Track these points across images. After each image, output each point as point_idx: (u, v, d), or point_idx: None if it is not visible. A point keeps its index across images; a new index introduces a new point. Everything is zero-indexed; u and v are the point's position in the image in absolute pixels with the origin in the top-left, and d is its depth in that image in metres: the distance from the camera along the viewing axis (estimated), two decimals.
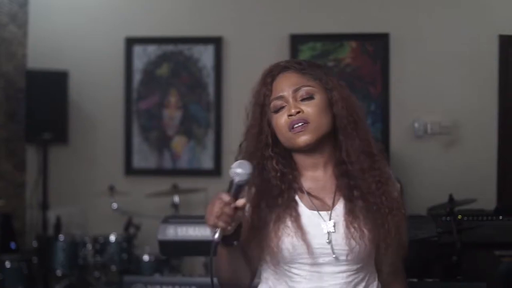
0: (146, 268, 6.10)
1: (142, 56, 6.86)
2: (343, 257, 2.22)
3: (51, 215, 6.46)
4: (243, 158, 2.26)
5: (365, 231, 2.21)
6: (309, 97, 2.27)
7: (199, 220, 4.33)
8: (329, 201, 2.28)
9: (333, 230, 2.22)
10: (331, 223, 2.23)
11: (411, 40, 6.60)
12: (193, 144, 6.84)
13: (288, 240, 2.20)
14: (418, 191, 6.26)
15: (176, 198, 6.37)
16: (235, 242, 2.14)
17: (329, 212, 2.26)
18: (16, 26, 6.89)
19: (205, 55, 6.81)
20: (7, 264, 5.87)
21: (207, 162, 6.80)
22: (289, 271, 2.26)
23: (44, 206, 6.53)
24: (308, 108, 2.25)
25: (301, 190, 2.30)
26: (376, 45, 6.65)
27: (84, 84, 6.82)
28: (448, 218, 5.00)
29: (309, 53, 6.63)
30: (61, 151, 6.85)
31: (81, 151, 6.93)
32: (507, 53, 6.51)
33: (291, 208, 2.25)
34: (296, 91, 2.28)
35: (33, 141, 6.72)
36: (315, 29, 6.66)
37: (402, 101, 6.54)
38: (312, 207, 2.26)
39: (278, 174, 2.30)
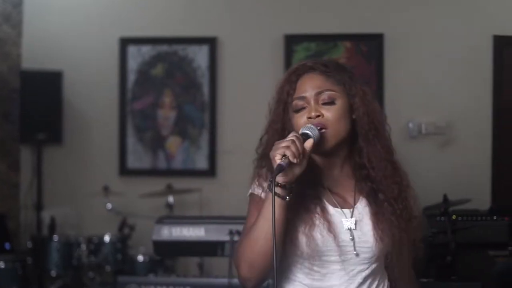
0: (141, 268, 6.09)
1: (136, 56, 6.86)
2: (365, 255, 2.28)
3: (46, 216, 6.46)
4: (263, 151, 2.34)
5: (390, 232, 2.29)
6: (331, 102, 2.29)
7: (193, 220, 4.34)
8: (350, 199, 2.35)
9: (354, 228, 2.29)
10: (353, 220, 2.30)
11: (405, 41, 6.61)
12: (188, 144, 6.83)
13: (317, 232, 2.26)
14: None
15: (171, 199, 6.37)
16: (288, 197, 2.16)
17: (351, 210, 2.33)
18: (10, 26, 6.88)
19: (200, 55, 6.80)
20: (2, 265, 5.85)
21: (202, 163, 6.80)
22: (316, 266, 2.29)
23: (39, 206, 6.52)
24: (329, 113, 2.27)
25: (322, 186, 2.35)
26: (370, 45, 6.66)
27: (79, 85, 6.82)
28: (442, 218, 5.01)
29: (304, 54, 6.63)
30: (56, 152, 6.84)
31: (76, 151, 6.92)
32: (501, 54, 6.52)
33: (317, 203, 2.31)
34: (318, 94, 2.29)
35: (27, 142, 6.72)
36: (310, 29, 6.66)
37: (397, 102, 6.54)
38: (335, 204, 2.32)
39: (305, 169, 2.29)
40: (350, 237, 2.28)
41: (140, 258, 6.12)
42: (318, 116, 2.26)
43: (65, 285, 6.23)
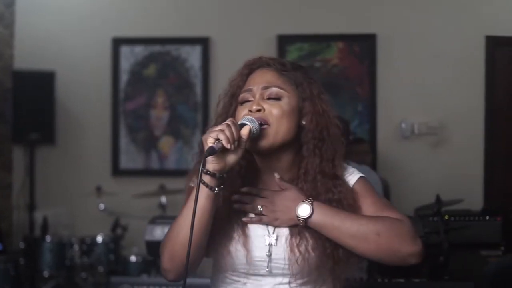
0: (133, 268, 6.08)
1: (129, 56, 6.85)
2: (281, 271, 2.14)
3: (38, 216, 6.44)
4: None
5: (312, 255, 2.12)
6: (276, 98, 2.16)
7: None
8: None
9: (275, 244, 2.15)
10: (274, 236, 2.16)
11: (398, 41, 6.62)
12: (181, 144, 6.83)
13: (232, 245, 2.16)
14: (405, 192, 6.28)
15: (164, 199, 6.36)
16: (217, 189, 2.03)
17: None
18: (2, 27, 6.86)
19: (193, 56, 6.80)
20: None
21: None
22: (229, 278, 2.21)
23: (31, 206, 6.52)
24: (272, 109, 2.14)
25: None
26: (363, 46, 6.66)
27: (71, 85, 6.81)
28: (435, 218, 5.02)
29: (297, 54, 6.64)
30: (48, 152, 6.83)
31: (68, 151, 6.92)
32: (494, 54, 6.53)
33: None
34: (265, 88, 2.18)
35: (20, 142, 6.71)
36: (302, 29, 6.67)
37: (389, 102, 6.56)
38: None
39: (242, 170, 2.22)
40: (267, 253, 2.14)
41: (133, 258, 6.11)
42: (259, 110, 2.13)
43: (58, 285, 6.21)
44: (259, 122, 2.10)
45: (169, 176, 6.68)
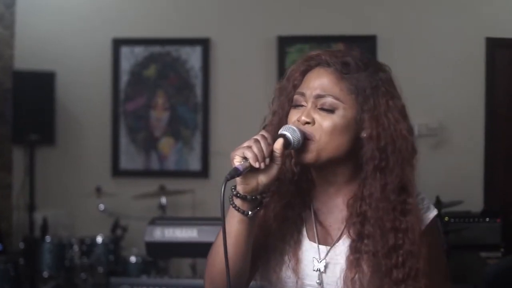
0: (133, 269, 6.08)
1: (129, 57, 6.85)
2: None
3: (38, 217, 6.44)
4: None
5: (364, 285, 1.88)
6: (330, 110, 1.88)
7: (186, 221, 4.33)
8: (334, 234, 1.96)
9: (324, 271, 1.92)
10: (324, 262, 1.92)
11: (398, 42, 6.62)
12: (181, 145, 6.83)
13: (282, 270, 1.95)
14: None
15: (163, 200, 6.36)
16: (250, 213, 1.82)
17: (328, 248, 1.95)
18: (3, 27, 6.86)
19: (193, 57, 6.80)
20: None
21: (195, 164, 6.79)
22: None
23: (31, 207, 6.51)
24: (323, 121, 1.87)
25: (309, 207, 1.99)
26: (363, 47, 6.58)
27: (71, 85, 6.81)
28: None
29: (296, 55, 6.63)
30: (48, 152, 6.83)
31: (68, 152, 6.92)
32: (494, 56, 6.53)
33: (296, 229, 1.97)
34: (319, 97, 1.89)
35: (20, 142, 6.70)
36: (303, 31, 6.66)
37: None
38: (313, 237, 1.96)
39: (295, 178, 1.98)
40: (318, 281, 1.92)
41: (133, 259, 6.11)
42: (308, 123, 1.88)
43: (58, 286, 6.21)
44: (304, 133, 1.86)
45: (169, 177, 6.69)
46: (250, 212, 1.81)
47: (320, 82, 1.90)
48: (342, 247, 1.92)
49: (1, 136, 6.78)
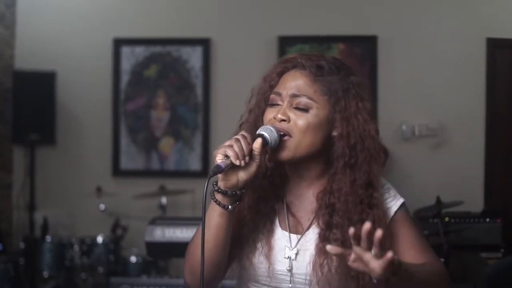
0: (133, 269, 6.08)
1: (130, 57, 6.85)
2: (305, 287, 2.04)
3: (38, 216, 6.44)
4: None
5: (335, 277, 2.00)
6: (304, 109, 2.02)
7: (186, 221, 4.33)
8: (304, 223, 2.09)
9: (294, 258, 2.05)
10: (295, 250, 2.05)
11: (399, 43, 6.62)
12: (181, 145, 6.83)
13: (255, 256, 2.08)
14: (406, 193, 6.25)
15: (164, 200, 6.36)
16: (230, 207, 1.96)
17: (299, 236, 2.08)
18: (3, 27, 6.87)
19: (193, 57, 6.80)
20: None
21: (195, 164, 6.79)
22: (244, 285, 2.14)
23: (31, 207, 6.51)
24: (298, 120, 2.01)
25: (282, 200, 2.13)
26: (364, 48, 6.66)
27: (72, 85, 6.81)
28: (435, 220, 5.02)
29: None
30: (48, 152, 6.83)
31: (69, 152, 6.91)
32: (494, 56, 6.53)
33: (268, 220, 2.10)
34: (294, 96, 2.04)
35: (20, 142, 6.71)
36: (303, 31, 6.66)
37: (390, 104, 6.55)
38: (285, 226, 2.09)
39: (268, 173, 2.11)
40: (288, 267, 2.04)
41: (133, 259, 6.11)
42: (284, 120, 2.01)
43: (58, 286, 6.21)
44: (280, 133, 2.00)
45: (169, 177, 6.69)
46: (230, 207, 1.96)
47: (295, 83, 2.06)
48: (312, 235, 2.06)
49: (1, 136, 6.79)
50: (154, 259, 5.98)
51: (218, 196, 1.96)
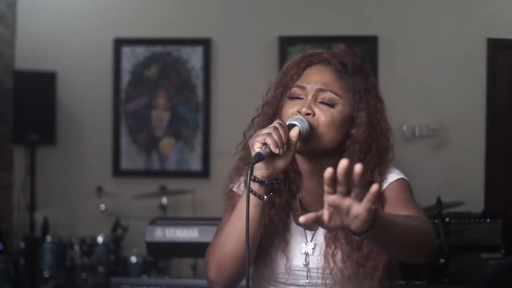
0: (134, 269, 6.08)
1: (130, 57, 6.85)
2: (320, 281, 2.04)
3: (39, 216, 6.44)
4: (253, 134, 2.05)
5: (347, 264, 2.01)
6: (329, 104, 2.01)
7: (187, 221, 4.33)
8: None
9: (311, 253, 2.05)
10: (312, 244, 2.06)
11: (399, 43, 6.62)
12: (181, 145, 6.83)
13: (273, 252, 2.06)
14: None
15: (164, 200, 6.36)
16: (266, 197, 1.92)
17: (313, 232, 2.08)
18: (4, 27, 6.87)
19: (194, 57, 6.80)
20: None
21: (195, 164, 6.79)
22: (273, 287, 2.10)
23: (32, 207, 6.52)
24: (322, 115, 2.00)
25: (295, 196, 2.11)
26: (364, 48, 6.66)
27: (72, 85, 6.81)
28: (435, 220, 5.02)
29: (298, 55, 6.62)
30: (49, 152, 6.83)
31: (69, 152, 6.92)
32: (495, 56, 6.53)
33: (283, 215, 2.08)
34: (320, 91, 2.02)
35: (20, 142, 6.71)
36: (304, 31, 6.66)
37: (390, 104, 6.45)
38: (299, 223, 2.00)
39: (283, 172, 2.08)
40: (304, 262, 2.05)
41: (133, 259, 6.11)
42: (308, 114, 1.99)
43: (58, 286, 6.21)
44: (310, 124, 1.98)
45: (169, 177, 6.69)
46: (265, 197, 1.92)
47: (322, 77, 2.04)
48: (322, 229, 2.06)
49: (2, 136, 6.79)
50: (155, 259, 5.98)
51: (254, 186, 1.91)
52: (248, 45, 6.73)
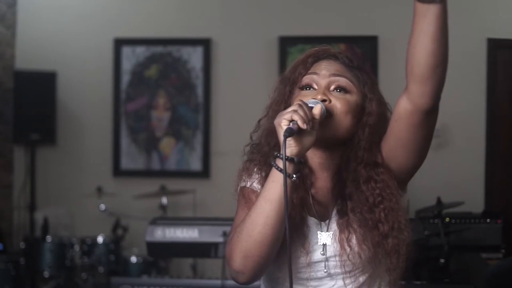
0: (134, 269, 6.09)
1: (130, 57, 6.85)
2: (339, 270, 2.01)
3: (39, 216, 6.44)
4: (261, 135, 2.10)
5: (363, 247, 1.99)
6: (345, 91, 2.04)
7: (187, 221, 4.34)
8: (330, 210, 2.05)
9: (329, 243, 2.00)
10: (329, 234, 2.01)
11: (400, 43, 6.55)
12: (182, 145, 6.83)
13: (292, 246, 1.98)
14: (406, 194, 6.27)
15: (164, 200, 6.36)
16: (295, 176, 1.87)
17: (327, 222, 2.03)
18: (4, 27, 6.87)
19: (194, 57, 6.80)
20: None
21: (196, 164, 6.80)
22: (285, 283, 2.03)
23: (32, 207, 6.51)
24: (338, 102, 2.00)
25: (307, 190, 2.06)
26: (365, 48, 6.66)
27: (73, 85, 6.81)
28: (436, 220, 5.02)
29: (298, 56, 6.61)
30: (49, 152, 6.84)
31: (69, 152, 6.92)
32: (495, 57, 6.53)
33: (299, 207, 2.02)
34: (334, 75, 2.05)
35: (20, 142, 6.71)
36: (304, 31, 6.66)
37: (391, 104, 6.51)
38: (314, 214, 2.04)
39: None
40: (322, 252, 2.00)
41: (134, 259, 6.11)
42: (324, 101, 1.97)
43: (58, 286, 6.21)
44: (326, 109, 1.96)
45: (169, 177, 6.69)
46: (294, 176, 1.87)
47: (333, 66, 2.08)
48: (335, 217, 2.04)
49: (2, 136, 6.79)
50: (155, 259, 5.98)
51: (282, 165, 1.84)
52: (248, 45, 6.73)
